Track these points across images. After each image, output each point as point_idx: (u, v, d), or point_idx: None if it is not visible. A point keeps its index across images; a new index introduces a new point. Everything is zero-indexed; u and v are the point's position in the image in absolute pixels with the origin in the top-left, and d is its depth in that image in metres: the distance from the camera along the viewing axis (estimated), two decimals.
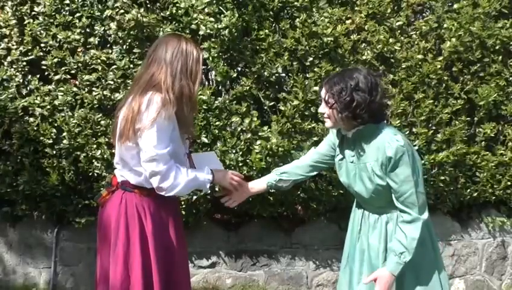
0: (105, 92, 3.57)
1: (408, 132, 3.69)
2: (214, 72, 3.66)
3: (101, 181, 3.62)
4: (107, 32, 3.61)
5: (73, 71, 3.61)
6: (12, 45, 3.63)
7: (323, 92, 2.23)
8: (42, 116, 3.60)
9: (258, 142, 3.54)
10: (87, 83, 3.58)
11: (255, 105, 3.70)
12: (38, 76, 3.64)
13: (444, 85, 3.75)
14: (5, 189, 3.72)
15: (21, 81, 3.63)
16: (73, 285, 3.98)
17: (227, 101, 3.58)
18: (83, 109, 3.58)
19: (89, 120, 3.55)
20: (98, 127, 3.57)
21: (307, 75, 3.60)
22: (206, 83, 3.75)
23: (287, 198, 3.75)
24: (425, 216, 2.17)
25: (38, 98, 3.60)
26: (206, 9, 3.49)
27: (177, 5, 3.54)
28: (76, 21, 3.58)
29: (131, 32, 3.52)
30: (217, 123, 3.55)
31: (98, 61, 3.56)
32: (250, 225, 4.01)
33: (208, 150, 3.47)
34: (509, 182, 3.92)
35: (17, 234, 4.00)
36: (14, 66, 3.63)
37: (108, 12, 3.56)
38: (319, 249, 4.00)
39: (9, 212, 3.89)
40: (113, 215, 2.21)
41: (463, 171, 3.88)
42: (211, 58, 3.52)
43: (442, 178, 3.78)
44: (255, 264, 4.01)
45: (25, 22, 3.64)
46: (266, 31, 3.55)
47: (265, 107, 3.70)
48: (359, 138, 2.22)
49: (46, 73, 3.64)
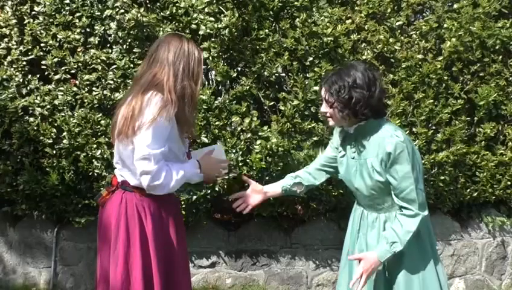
0: (105, 92, 3.57)
1: (408, 132, 3.69)
2: (214, 72, 3.67)
3: (101, 181, 3.62)
4: (107, 32, 3.61)
5: (73, 71, 3.62)
6: (12, 44, 3.64)
7: (323, 92, 2.24)
8: (42, 116, 3.61)
9: (258, 142, 3.55)
10: (87, 82, 3.58)
11: (255, 105, 3.71)
12: (38, 76, 3.65)
13: (444, 85, 3.75)
14: (5, 189, 3.73)
15: (21, 80, 3.63)
16: (73, 285, 3.98)
17: (227, 100, 3.58)
18: (83, 108, 3.58)
19: (89, 120, 3.56)
20: (98, 126, 3.57)
21: (307, 75, 3.60)
22: (206, 82, 3.75)
23: (287, 198, 3.74)
24: (425, 213, 2.17)
25: (38, 97, 3.60)
26: (206, 9, 3.50)
27: (177, 4, 3.54)
28: (76, 21, 3.59)
29: (131, 32, 3.53)
30: (217, 123, 3.55)
31: (98, 61, 3.56)
32: (250, 225, 4.01)
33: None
34: (509, 182, 3.93)
35: (17, 233, 4.00)
36: (14, 66, 3.63)
37: (108, 12, 3.56)
38: (318, 249, 4.00)
39: (9, 212, 3.89)
40: (113, 216, 2.21)
41: (463, 171, 3.89)
42: (211, 58, 3.52)
43: (442, 178, 3.78)
44: (255, 264, 4.00)
45: (25, 22, 3.64)
46: (266, 30, 3.55)
47: (265, 107, 3.70)
48: (360, 133, 2.23)
49: (46, 73, 3.64)
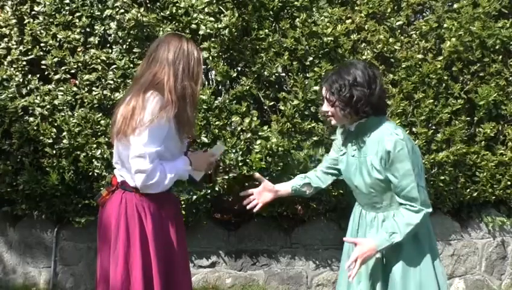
0: (105, 92, 3.57)
1: (408, 132, 3.69)
2: (214, 72, 3.67)
3: (101, 181, 3.62)
4: (107, 32, 3.61)
5: (73, 71, 3.62)
6: (12, 44, 3.64)
7: (324, 91, 2.25)
8: (42, 115, 3.61)
9: (258, 141, 3.55)
10: (87, 82, 3.58)
11: (255, 105, 3.71)
12: (38, 76, 3.65)
13: (444, 85, 3.75)
14: (5, 189, 3.73)
15: (21, 80, 3.63)
16: (73, 285, 3.98)
17: (227, 100, 3.58)
18: (82, 108, 3.58)
19: (88, 120, 3.56)
20: (98, 126, 3.57)
21: (307, 75, 3.60)
22: (206, 82, 3.75)
23: (287, 198, 3.74)
24: (429, 209, 2.17)
25: (38, 97, 3.60)
26: (206, 9, 3.50)
27: (177, 4, 3.54)
28: (76, 21, 3.59)
29: (131, 31, 3.53)
30: (216, 123, 3.55)
31: (98, 60, 3.56)
32: (250, 225, 4.01)
33: (208, 150, 3.45)
34: (509, 182, 3.92)
35: (17, 233, 4.00)
36: (14, 66, 3.63)
37: (108, 12, 3.56)
38: (318, 249, 4.00)
39: (9, 212, 3.89)
40: (113, 216, 2.21)
41: (463, 171, 3.89)
42: (210, 58, 3.52)
43: (442, 178, 3.78)
44: (255, 264, 4.00)
45: (25, 22, 3.64)
46: (266, 30, 3.55)
47: (265, 107, 3.70)
48: (361, 130, 2.23)
49: (46, 73, 3.64)
